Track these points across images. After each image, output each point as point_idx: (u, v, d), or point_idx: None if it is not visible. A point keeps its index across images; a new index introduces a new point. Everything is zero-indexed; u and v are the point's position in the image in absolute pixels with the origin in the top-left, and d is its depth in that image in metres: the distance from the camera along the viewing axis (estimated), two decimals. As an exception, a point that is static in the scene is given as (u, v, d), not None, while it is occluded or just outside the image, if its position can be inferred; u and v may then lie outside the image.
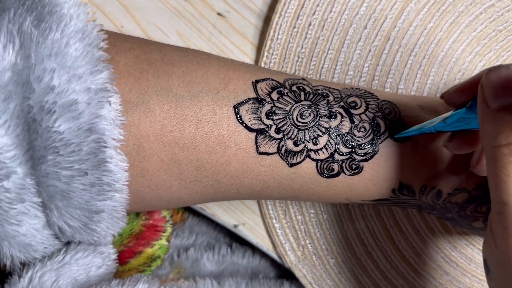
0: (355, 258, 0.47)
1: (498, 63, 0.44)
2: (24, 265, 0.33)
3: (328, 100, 0.35)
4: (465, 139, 0.33)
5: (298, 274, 0.48)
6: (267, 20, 0.46)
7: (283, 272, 0.52)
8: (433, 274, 0.46)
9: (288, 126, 0.34)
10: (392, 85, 0.45)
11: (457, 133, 0.33)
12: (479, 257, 0.45)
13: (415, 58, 0.44)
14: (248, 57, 0.47)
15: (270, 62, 0.45)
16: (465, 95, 0.32)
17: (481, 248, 0.45)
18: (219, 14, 0.46)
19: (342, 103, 0.35)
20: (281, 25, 0.44)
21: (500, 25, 0.44)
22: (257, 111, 0.34)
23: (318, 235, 0.47)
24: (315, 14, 0.44)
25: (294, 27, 0.44)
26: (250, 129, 0.33)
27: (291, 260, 0.47)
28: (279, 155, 0.34)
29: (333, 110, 0.35)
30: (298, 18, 0.44)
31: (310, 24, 0.44)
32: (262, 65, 0.45)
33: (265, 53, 0.45)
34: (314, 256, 0.47)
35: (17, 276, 0.31)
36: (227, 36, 0.46)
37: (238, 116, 0.33)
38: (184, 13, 0.46)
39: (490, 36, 0.44)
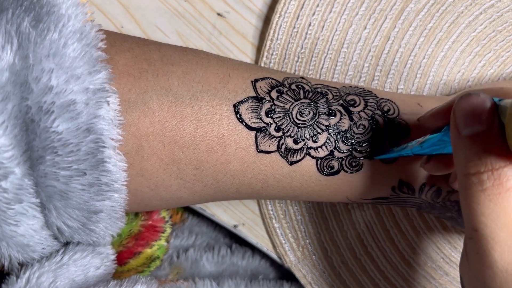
0: (355, 258, 0.47)
1: (497, 63, 0.44)
2: (22, 265, 0.33)
3: (327, 98, 0.35)
4: (441, 161, 0.33)
5: (298, 274, 0.47)
6: (267, 20, 0.46)
7: (283, 274, 0.52)
8: (433, 275, 0.46)
9: (288, 124, 0.34)
10: (391, 86, 0.45)
11: (433, 155, 0.34)
12: (479, 258, 0.45)
13: (415, 59, 0.44)
14: (248, 57, 0.47)
15: (270, 62, 0.45)
16: (441, 119, 0.33)
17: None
18: (219, 14, 0.46)
19: (341, 101, 0.35)
20: (281, 26, 0.44)
21: (500, 25, 0.44)
22: (256, 109, 0.34)
23: (318, 235, 0.47)
24: (314, 14, 0.44)
25: (294, 27, 0.44)
26: (250, 128, 0.33)
27: (291, 260, 0.47)
28: (279, 153, 0.34)
29: (332, 108, 0.35)
30: (298, 18, 0.44)
31: (310, 25, 0.44)
32: (262, 65, 0.45)
33: (265, 54, 0.45)
34: (314, 256, 0.47)
35: (15, 277, 0.31)
36: (227, 36, 0.46)
37: (238, 115, 0.33)
38: (184, 13, 0.46)
39: (489, 36, 0.44)
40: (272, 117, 0.34)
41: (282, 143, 0.34)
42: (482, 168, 0.26)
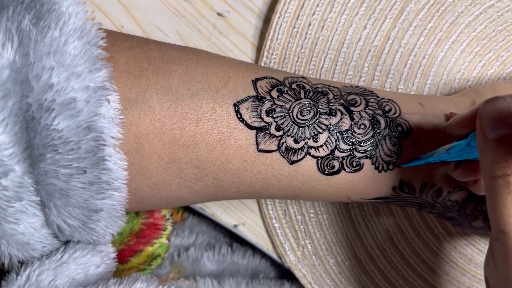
0: (355, 258, 0.47)
1: (497, 63, 0.44)
2: (22, 263, 0.32)
3: (328, 98, 0.35)
4: (469, 167, 0.34)
5: (298, 274, 0.47)
6: (267, 20, 0.46)
7: (284, 272, 0.52)
8: (432, 274, 0.46)
9: (289, 123, 0.34)
10: (391, 85, 0.45)
11: (462, 161, 0.34)
12: (478, 257, 0.45)
13: (415, 58, 0.44)
14: (248, 57, 0.47)
15: (270, 62, 0.45)
16: (467, 126, 0.33)
17: (480, 248, 0.45)
18: (219, 14, 0.46)
19: (342, 101, 0.35)
20: (281, 25, 0.44)
21: (500, 25, 0.44)
22: (257, 109, 0.34)
23: (318, 235, 0.47)
24: (315, 14, 0.44)
25: (294, 27, 0.44)
26: (251, 127, 0.33)
27: (291, 260, 0.47)
28: (280, 153, 0.34)
29: (333, 107, 0.35)
30: (298, 18, 0.44)
31: (310, 24, 0.44)
32: (262, 65, 0.45)
33: (265, 53, 0.45)
34: (314, 256, 0.47)
35: (15, 274, 0.31)
36: (227, 36, 0.46)
37: (238, 114, 0.33)
38: (184, 13, 0.46)
39: (489, 36, 0.44)
40: (272, 117, 0.34)
41: (283, 143, 0.34)
42: (509, 170, 0.27)
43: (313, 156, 0.34)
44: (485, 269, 0.30)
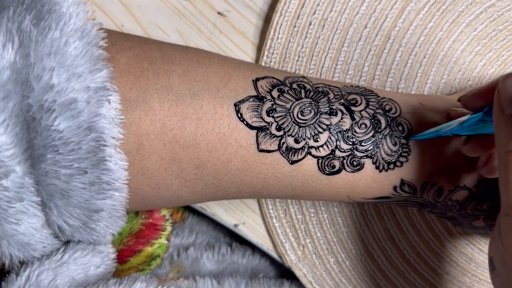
0: (356, 257, 0.47)
1: (498, 63, 0.44)
2: (23, 263, 0.33)
3: (328, 98, 0.35)
4: (480, 142, 0.33)
5: (298, 273, 0.47)
6: (267, 19, 0.46)
7: (283, 272, 0.52)
8: (433, 274, 0.46)
9: (289, 123, 0.34)
10: (392, 85, 0.45)
11: (473, 136, 0.34)
12: (479, 257, 0.45)
13: (416, 58, 0.44)
14: (248, 57, 0.47)
15: (271, 61, 0.45)
16: (483, 99, 0.33)
17: (481, 247, 0.45)
18: (219, 13, 0.46)
19: (342, 100, 0.35)
20: (281, 25, 0.44)
21: (501, 24, 0.44)
22: (257, 108, 0.34)
23: (318, 234, 0.47)
24: (315, 13, 0.44)
25: (295, 26, 0.44)
26: (251, 127, 0.33)
27: (291, 259, 0.47)
28: (280, 153, 0.34)
29: (334, 107, 0.35)
30: (298, 17, 0.44)
31: (310, 24, 0.44)
32: (263, 64, 0.45)
33: (266, 53, 0.45)
34: (314, 255, 0.47)
35: (15, 275, 0.31)
36: (227, 35, 0.46)
37: (239, 114, 0.33)
38: (184, 12, 0.46)
39: (490, 35, 0.44)
40: (273, 116, 0.34)
41: (283, 142, 0.34)
42: None
43: (314, 156, 0.34)
44: (490, 250, 0.30)
